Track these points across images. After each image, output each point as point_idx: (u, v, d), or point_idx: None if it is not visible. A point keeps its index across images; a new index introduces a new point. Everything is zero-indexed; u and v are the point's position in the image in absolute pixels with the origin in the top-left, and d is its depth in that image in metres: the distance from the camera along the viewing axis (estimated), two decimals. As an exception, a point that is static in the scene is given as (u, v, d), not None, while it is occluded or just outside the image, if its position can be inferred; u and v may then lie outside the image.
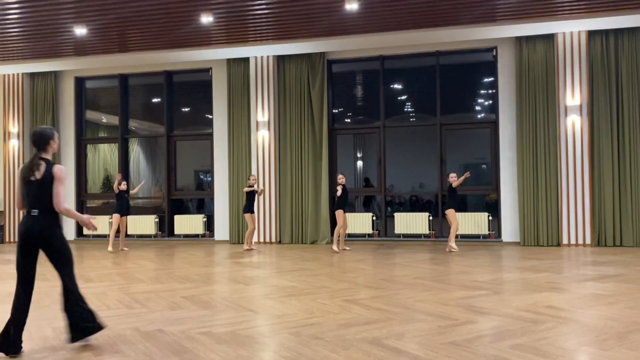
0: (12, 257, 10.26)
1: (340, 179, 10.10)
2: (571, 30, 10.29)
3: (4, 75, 13.14)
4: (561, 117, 10.42)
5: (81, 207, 13.35)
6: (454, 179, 9.49)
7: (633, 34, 10.18)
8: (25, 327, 4.56)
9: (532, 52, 10.63)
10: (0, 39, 10.63)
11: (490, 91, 11.82)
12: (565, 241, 10.35)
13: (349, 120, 13.18)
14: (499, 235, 11.10)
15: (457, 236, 10.53)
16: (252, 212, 10.54)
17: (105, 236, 12.78)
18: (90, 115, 13.95)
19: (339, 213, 10.00)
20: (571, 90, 10.36)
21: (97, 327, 3.99)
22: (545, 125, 10.54)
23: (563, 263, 8.16)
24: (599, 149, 10.31)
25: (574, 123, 10.34)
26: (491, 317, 4.68)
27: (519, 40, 10.68)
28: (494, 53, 11.20)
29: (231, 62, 12.08)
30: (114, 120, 13.58)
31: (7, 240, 13.15)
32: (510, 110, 10.95)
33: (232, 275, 7.51)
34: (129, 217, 11.42)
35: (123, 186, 10.79)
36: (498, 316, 4.68)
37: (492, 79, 11.50)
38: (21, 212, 13.02)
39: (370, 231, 11.67)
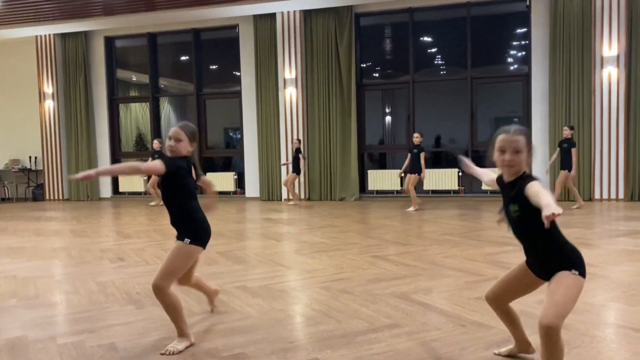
0: (55, 214, 10.69)
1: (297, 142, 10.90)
2: (610, -24, 9.85)
3: (37, 37, 13.33)
4: (597, 69, 10.11)
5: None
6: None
7: (677, -21, 9.70)
8: (72, 282, 4.84)
9: (567, 1, 10.24)
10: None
11: (522, 43, 11.49)
12: (597, 196, 10.23)
13: (377, 75, 13.03)
14: (529, 190, 11.00)
15: (486, 192, 10.59)
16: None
17: (139, 193, 13.17)
18: (121, 74, 14.13)
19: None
20: (608, 40, 10.00)
21: None
22: (579, 77, 10.25)
23: (594, 218, 8.10)
24: (636, 101, 10.01)
25: (610, 75, 10.03)
26: (519, 272, 4.74)
27: (555, -12, 10.30)
28: (528, 3, 10.82)
29: (257, 19, 11.97)
30: (144, 78, 13.73)
31: (47, 198, 13.66)
32: (543, 63, 10.66)
33: (264, 231, 7.71)
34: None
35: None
36: (525, 272, 4.73)
37: (525, 30, 11.15)
38: (64, 172, 13.45)
39: (398, 188, 11.68)
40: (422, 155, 9.36)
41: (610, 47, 9.98)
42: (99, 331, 3.46)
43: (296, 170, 10.90)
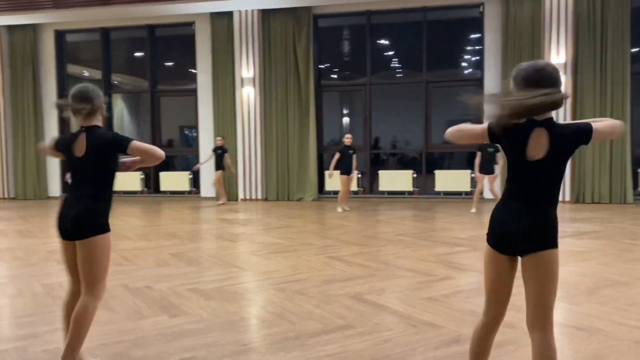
0: (1, 213, 10.27)
1: (219, 140, 11.01)
2: (559, -14, 10.21)
3: (-19, 28, 12.78)
4: (546, 75, 10.44)
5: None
6: None
7: (620, -9, 10.14)
8: (17, 284, 4.66)
9: (519, 8, 10.55)
10: (-24, -10, 10.31)
11: (476, 47, 11.78)
12: (545, 198, 10.57)
13: (335, 76, 13.09)
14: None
15: (439, 193, 10.84)
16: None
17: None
18: (72, 69, 13.69)
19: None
20: (556, 48, 10.36)
21: None
22: (529, 83, 10.57)
23: (542, 220, 8.36)
24: (581, 106, 10.39)
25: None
26: (469, 273, 4.86)
27: (507, -4, 10.60)
28: (481, 9, 11.10)
29: (214, 17, 11.83)
30: (96, 74, 13.35)
31: (-9, 196, 13.11)
32: (495, 68, 10.95)
33: (219, 232, 7.62)
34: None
35: None
36: (476, 272, 4.86)
37: (479, 35, 11.44)
38: (10, 170, 12.92)
39: (355, 188, 11.77)
40: (355, 156, 9.65)
41: (558, 54, 10.35)
42: (44, 336, 3.34)
43: (221, 167, 10.99)
